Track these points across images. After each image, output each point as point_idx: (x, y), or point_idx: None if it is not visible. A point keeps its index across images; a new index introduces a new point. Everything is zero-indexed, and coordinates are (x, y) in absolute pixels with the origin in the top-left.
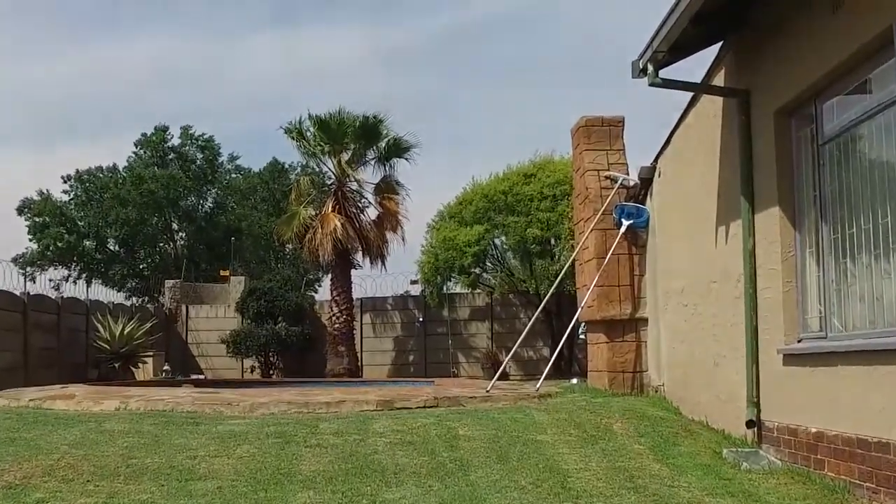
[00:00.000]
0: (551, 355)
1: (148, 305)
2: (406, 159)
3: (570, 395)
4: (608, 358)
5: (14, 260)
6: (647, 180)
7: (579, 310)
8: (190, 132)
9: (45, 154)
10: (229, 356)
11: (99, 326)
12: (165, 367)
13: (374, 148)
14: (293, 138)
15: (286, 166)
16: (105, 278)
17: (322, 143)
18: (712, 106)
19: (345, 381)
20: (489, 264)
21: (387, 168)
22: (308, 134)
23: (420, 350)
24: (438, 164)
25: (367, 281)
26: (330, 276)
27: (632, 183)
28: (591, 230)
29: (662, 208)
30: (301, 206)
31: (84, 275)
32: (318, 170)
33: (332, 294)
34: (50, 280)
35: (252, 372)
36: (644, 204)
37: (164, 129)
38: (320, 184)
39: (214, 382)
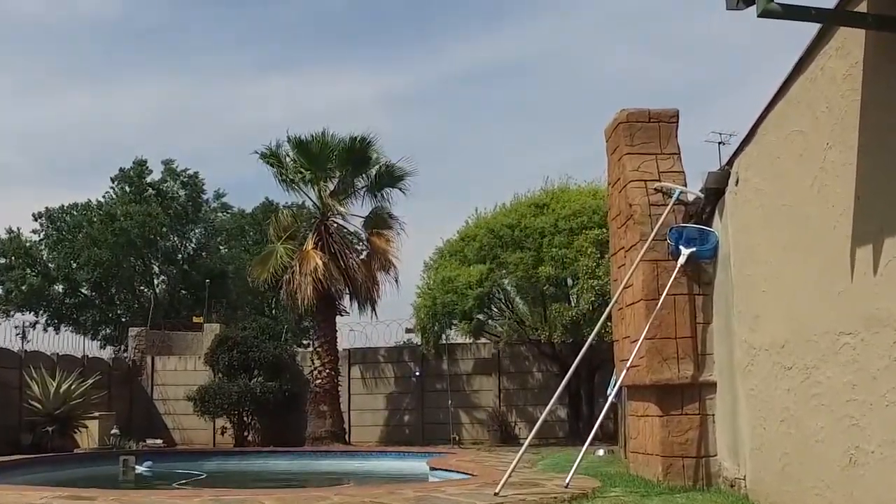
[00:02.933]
0: (572, 417)
1: (124, 356)
2: (400, 189)
3: (612, 494)
4: (662, 437)
5: None
6: (715, 192)
7: (621, 372)
8: (172, 166)
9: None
10: (197, 415)
11: (31, 383)
12: (114, 432)
13: (364, 175)
14: (270, 164)
15: (281, 206)
16: (76, 325)
17: (303, 170)
18: (841, 62)
19: (322, 450)
20: (495, 309)
21: (378, 199)
22: (287, 159)
23: (417, 409)
24: (438, 198)
25: (356, 329)
26: (311, 323)
27: (692, 197)
28: (638, 262)
29: (744, 229)
30: (279, 242)
31: (53, 321)
32: (300, 201)
33: (313, 344)
34: (15, 327)
35: (223, 434)
36: (710, 225)
37: (143, 162)
38: (308, 216)
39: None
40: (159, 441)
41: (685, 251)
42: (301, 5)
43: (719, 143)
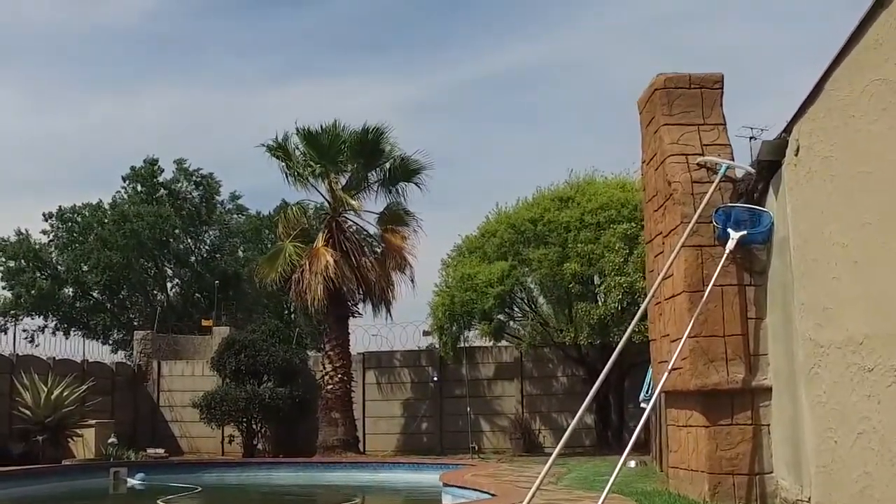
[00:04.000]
0: (600, 425)
1: (129, 361)
2: (416, 184)
3: None
4: (708, 451)
5: None
6: (769, 165)
7: (658, 375)
8: (184, 166)
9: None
10: (204, 423)
11: (21, 389)
12: (111, 441)
13: (378, 169)
14: (277, 157)
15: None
16: (87, 329)
17: (312, 163)
18: None
19: (329, 461)
20: (517, 309)
21: (392, 194)
22: (296, 152)
23: (435, 416)
24: (454, 208)
25: (370, 332)
26: (323, 325)
27: (741, 172)
28: (679, 249)
29: (807, 206)
30: (288, 240)
31: (63, 325)
32: (309, 197)
33: (325, 348)
34: (24, 331)
35: (231, 442)
36: (762, 204)
37: (154, 161)
38: (319, 213)
39: (161, 465)
40: (161, 450)
41: (734, 235)
42: (319, 14)
43: (750, 137)
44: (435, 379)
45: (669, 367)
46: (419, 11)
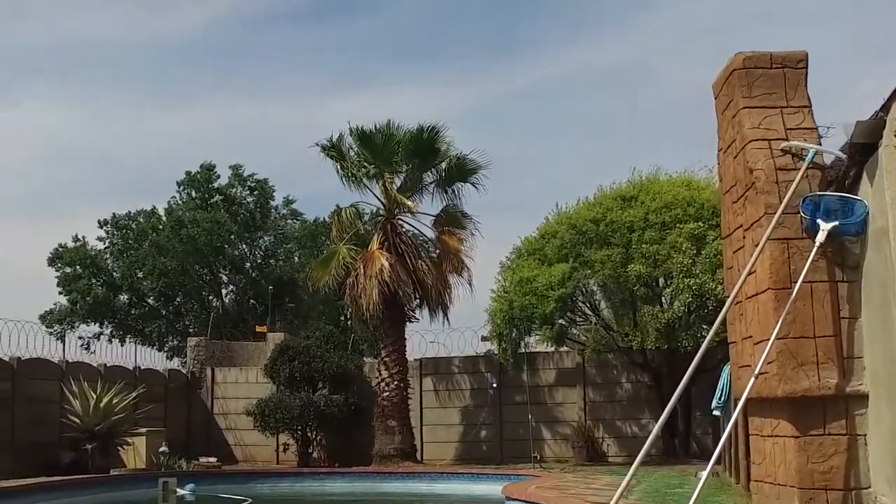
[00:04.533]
0: (666, 433)
1: (183, 368)
2: (472, 184)
3: None
4: (798, 464)
5: (42, 317)
6: (863, 148)
7: (741, 381)
8: (239, 172)
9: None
10: (258, 430)
11: (70, 397)
12: (162, 449)
13: (433, 170)
14: (331, 157)
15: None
16: (142, 336)
17: (366, 164)
18: None
19: (385, 471)
20: (578, 314)
21: (448, 195)
22: (350, 153)
23: (494, 424)
24: (509, 218)
25: (427, 338)
26: (378, 330)
27: (831, 158)
28: (764, 243)
29: None
30: (342, 242)
31: (119, 332)
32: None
33: (380, 354)
34: (79, 338)
35: (285, 451)
36: (855, 192)
37: (211, 167)
38: (373, 215)
39: (212, 475)
40: (213, 459)
41: (824, 226)
42: (374, 24)
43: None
44: (494, 385)
45: (756, 371)
46: (474, 20)
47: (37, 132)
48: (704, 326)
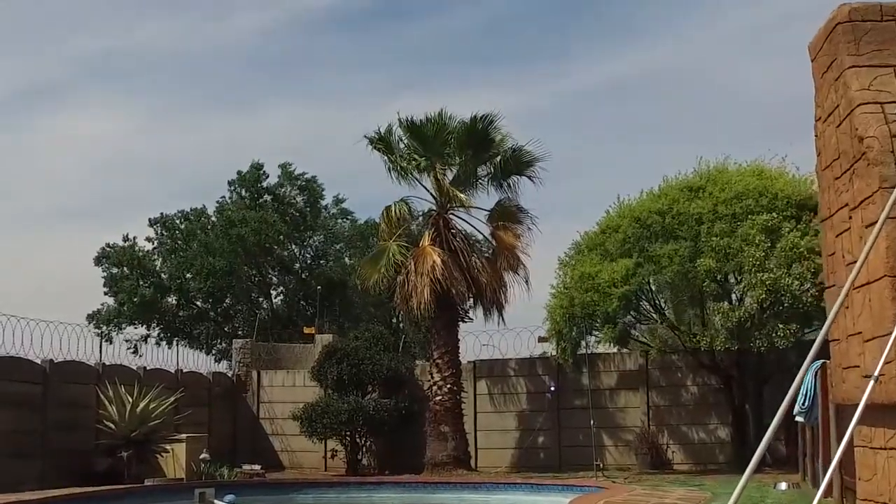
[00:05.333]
0: (736, 440)
1: (228, 372)
2: (529, 177)
3: None
4: None
5: (89, 317)
6: None
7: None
8: (289, 170)
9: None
10: (305, 436)
11: (105, 401)
12: (203, 456)
13: (487, 163)
14: (379, 150)
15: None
16: (190, 338)
17: (416, 156)
18: None
19: (437, 481)
20: (643, 311)
21: (503, 189)
22: (399, 145)
23: (552, 429)
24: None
25: (481, 339)
26: (430, 331)
27: None
28: (882, 223)
29: None
30: (391, 239)
31: (166, 334)
32: (415, 193)
33: (432, 356)
34: (127, 340)
35: (333, 457)
36: None
37: (260, 166)
38: (427, 213)
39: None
40: (257, 466)
41: None
42: (427, 29)
43: None
44: (552, 389)
45: (876, 373)
46: (527, 24)
47: (95, 139)
48: (780, 325)
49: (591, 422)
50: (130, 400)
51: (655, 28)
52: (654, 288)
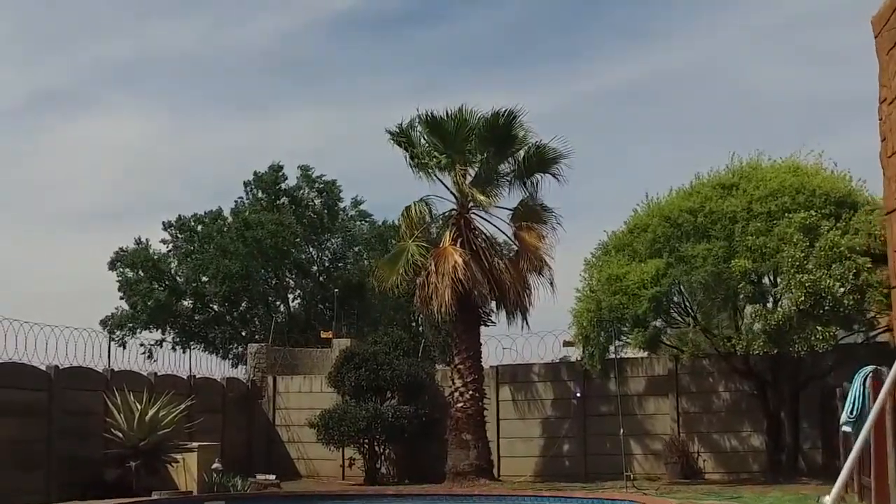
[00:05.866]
0: (771, 448)
1: (243, 377)
2: (553, 175)
3: None
4: None
5: (103, 322)
6: None
7: None
8: (308, 172)
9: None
10: (322, 443)
11: (113, 409)
12: (215, 466)
13: (510, 160)
14: (400, 145)
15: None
16: (206, 343)
17: (437, 153)
18: None
19: (458, 493)
20: (674, 314)
21: (527, 187)
22: (422, 141)
23: (578, 437)
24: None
25: (503, 343)
26: (451, 335)
27: None
28: None
29: None
30: (411, 239)
31: (182, 339)
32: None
33: (453, 361)
34: (141, 345)
35: (351, 466)
36: None
37: (279, 167)
38: (448, 213)
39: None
40: (272, 476)
41: None
42: (449, 32)
43: None
44: (578, 395)
45: None
46: (547, 26)
47: (117, 144)
48: (819, 328)
49: (621, 430)
50: (139, 407)
51: (676, 28)
52: (684, 290)
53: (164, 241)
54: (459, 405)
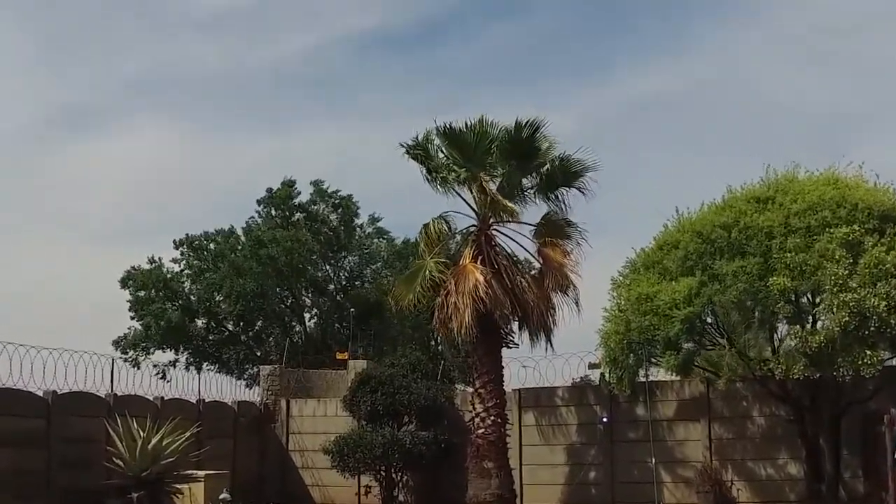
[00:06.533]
0: (810, 476)
1: (256, 399)
2: (579, 189)
3: None
4: None
5: (115, 342)
6: None
7: None
8: (322, 187)
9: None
10: (337, 470)
11: (114, 436)
12: (223, 496)
13: (534, 174)
14: (416, 159)
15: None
16: (220, 363)
17: (456, 167)
18: None
19: None
20: (707, 336)
21: (551, 202)
22: (439, 154)
23: (605, 464)
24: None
25: (524, 364)
26: (471, 357)
27: None
28: None
29: None
30: (430, 256)
31: (195, 359)
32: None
33: (474, 384)
34: (154, 366)
35: (367, 494)
36: None
37: (291, 183)
38: (465, 232)
39: None
40: None
41: None
42: (469, 49)
43: None
44: (605, 420)
45: None
46: (567, 43)
47: (136, 161)
48: (866, 351)
49: (653, 459)
50: (142, 434)
51: (697, 41)
52: (717, 310)
53: (175, 260)
54: (480, 431)
